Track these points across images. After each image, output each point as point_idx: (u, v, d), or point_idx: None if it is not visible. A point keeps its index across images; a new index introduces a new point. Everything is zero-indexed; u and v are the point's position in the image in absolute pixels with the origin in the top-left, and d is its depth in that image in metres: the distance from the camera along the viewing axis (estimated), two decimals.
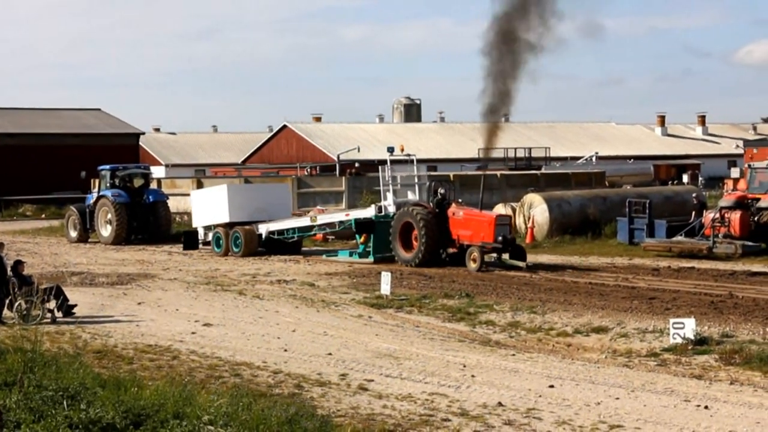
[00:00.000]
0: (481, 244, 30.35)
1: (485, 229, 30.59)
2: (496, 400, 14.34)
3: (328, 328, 20.99)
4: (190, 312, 23.30)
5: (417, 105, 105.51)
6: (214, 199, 38.62)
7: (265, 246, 37.20)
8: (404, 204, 33.13)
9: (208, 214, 38.67)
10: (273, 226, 37.07)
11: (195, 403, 12.32)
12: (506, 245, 30.46)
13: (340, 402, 14.36)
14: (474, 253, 30.22)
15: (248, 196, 38.97)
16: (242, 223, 37.33)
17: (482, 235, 30.53)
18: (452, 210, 31.81)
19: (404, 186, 34.99)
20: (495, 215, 31.83)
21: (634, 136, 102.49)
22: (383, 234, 33.03)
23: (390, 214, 33.50)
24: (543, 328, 20.63)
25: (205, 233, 38.96)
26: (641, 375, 16.23)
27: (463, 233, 31.21)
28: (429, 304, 23.97)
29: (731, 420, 13.25)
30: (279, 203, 39.21)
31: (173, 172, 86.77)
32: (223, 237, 37.41)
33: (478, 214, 31.54)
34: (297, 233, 37.03)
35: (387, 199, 34.17)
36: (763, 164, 36.07)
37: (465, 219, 31.36)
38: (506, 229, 30.94)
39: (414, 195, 34.36)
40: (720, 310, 21.65)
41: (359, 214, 35.19)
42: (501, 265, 30.45)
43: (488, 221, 30.79)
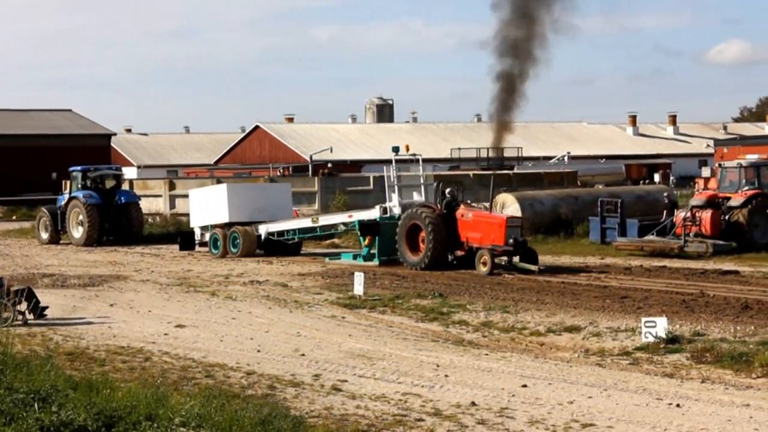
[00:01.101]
0: (491, 246, 29.33)
1: (496, 231, 29.56)
2: (469, 400, 14.36)
3: (301, 328, 20.97)
4: (163, 313, 23.22)
5: (389, 105, 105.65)
6: (213, 198, 37.85)
7: (263, 247, 36.55)
8: (410, 205, 32.29)
9: (207, 214, 37.86)
10: (273, 227, 36.32)
11: (167, 405, 12.27)
12: (517, 248, 29.41)
13: (314, 402, 14.34)
14: (484, 256, 29.22)
15: (248, 196, 38.11)
16: (241, 224, 36.59)
17: (492, 238, 29.49)
18: (461, 211, 30.77)
19: (409, 186, 34.12)
20: (506, 217, 30.74)
21: (606, 136, 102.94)
22: (388, 236, 32.09)
23: (395, 215, 32.60)
24: (516, 327, 20.68)
25: (201, 233, 38.17)
26: (614, 374, 16.30)
27: (472, 235, 30.17)
28: (402, 304, 23.98)
29: (703, 418, 13.32)
30: (279, 204, 38.28)
31: (145, 173, 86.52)
32: (221, 238, 36.65)
33: (488, 215, 30.77)
34: (298, 235, 36.25)
35: (392, 200, 33.21)
36: (734, 163, 36.31)
37: (474, 221, 30.32)
38: (517, 231, 29.75)
39: (420, 196, 33.57)
40: (691, 309, 21.76)
41: (363, 215, 34.20)
42: (512, 268, 29.37)
43: (499, 223, 29.77)
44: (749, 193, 34.54)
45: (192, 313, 23.18)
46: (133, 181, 55.25)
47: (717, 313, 21.08)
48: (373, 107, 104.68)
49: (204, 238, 37.86)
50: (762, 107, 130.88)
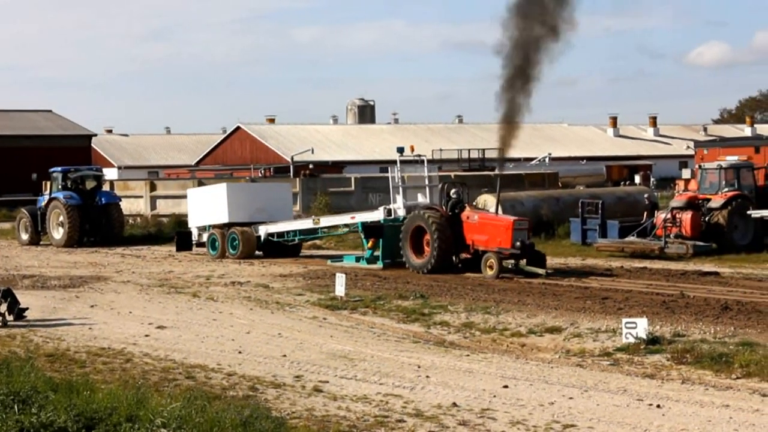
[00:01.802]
0: (497, 249, 28.64)
1: (502, 234, 28.87)
2: (450, 401, 14.37)
3: (282, 329, 20.95)
4: (144, 314, 23.16)
5: (371, 106, 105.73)
6: (212, 198, 37.22)
7: (262, 248, 36.00)
8: (415, 207, 31.56)
9: (206, 214, 37.21)
10: (273, 228, 35.70)
11: (148, 406, 12.25)
12: (524, 251, 28.70)
13: (295, 404, 14.33)
14: (490, 259, 28.57)
15: (248, 196, 37.47)
16: (240, 224, 35.99)
17: (499, 241, 28.81)
18: (467, 214, 30.09)
19: (413, 188, 33.17)
20: (513, 219, 29.63)
21: (587, 137, 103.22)
22: (392, 238, 31.33)
23: (400, 217, 31.76)
24: (497, 328, 20.71)
25: (199, 234, 37.51)
26: (594, 374, 16.34)
27: (478, 238, 29.47)
28: (384, 305, 23.98)
29: (683, 419, 13.37)
30: (280, 204, 37.66)
31: (126, 174, 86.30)
32: (219, 238, 36.06)
33: (495, 218, 29.97)
34: (298, 236, 35.67)
35: (396, 202, 32.33)
36: (714, 165, 36.48)
37: (480, 223, 29.62)
38: (524, 234, 29.10)
39: (424, 197, 32.61)
40: (672, 310, 21.83)
41: (366, 217, 33.50)
42: (519, 272, 28.59)
43: (505, 226, 29.00)
44: (729, 194, 34.69)
45: (173, 315, 23.13)
46: (114, 182, 55.15)
47: (697, 314, 21.15)
48: (354, 108, 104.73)
49: (201, 238, 37.26)
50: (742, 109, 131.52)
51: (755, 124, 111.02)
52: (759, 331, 19.15)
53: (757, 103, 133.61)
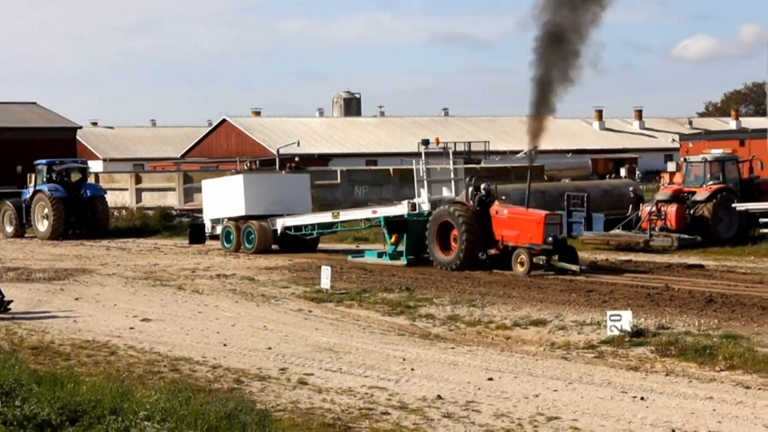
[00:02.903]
0: (528, 245, 27.64)
1: (533, 229, 27.85)
2: (435, 393, 14.39)
3: (267, 322, 20.94)
4: (129, 307, 23.12)
5: (357, 99, 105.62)
6: (228, 190, 36.21)
7: (278, 242, 35.08)
8: (440, 201, 30.50)
9: (221, 207, 36.18)
10: (290, 221, 34.65)
11: (132, 399, 12.23)
12: (557, 247, 27.70)
13: (280, 396, 14.33)
14: (521, 255, 27.54)
15: (265, 188, 36.33)
16: (256, 217, 34.99)
17: (530, 236, 27.77)
18: (495, 208, 29.01)
19: (438, 181, 31.98)
20: (544, 214, 28.54)
21: (573, 130, 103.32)
22: (417, 234, 30.28)
23: (424, 212, 30.62)
24: (482, 321, 20.73)
25: (212, 226, 36.65)
26: (579, 367, 16.38)
27: (507, 234, 28.39)
28: (369, 297, 23.99)
29: (667, 411, 13.41)
30: (297, 196, 36.43)
31: (111, 167, 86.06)
32: (234, 231, 35.17)
33: (525, 212, 28.81)
34: (317, 230, 34.59)
35: (421, 196, 31.10)
36: (699, 158, 36.61)
37: (510, 218, 28.59)
38: (556, 229, 28.14)
39: (449, 191, 31.53)
40: (656, 303, 21.91)
41: (389, 211, 32.15)
42: (551, 268, 27.68)
43: (537, 220, 27.98)
44: (714, 187, 34.82)
45: (158, 307, 23.10)
46: (99, 175, 54.98)
47: (681, 307, 21.23)
48: (340, 101, 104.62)
49: (215, 231, 36.43)
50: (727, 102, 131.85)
51: (740, 117, 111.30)
52: (743, 324, 19.24)
53: (742, 96, 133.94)
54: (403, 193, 51.82)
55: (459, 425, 12.78)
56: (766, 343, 17.37)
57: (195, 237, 37.26)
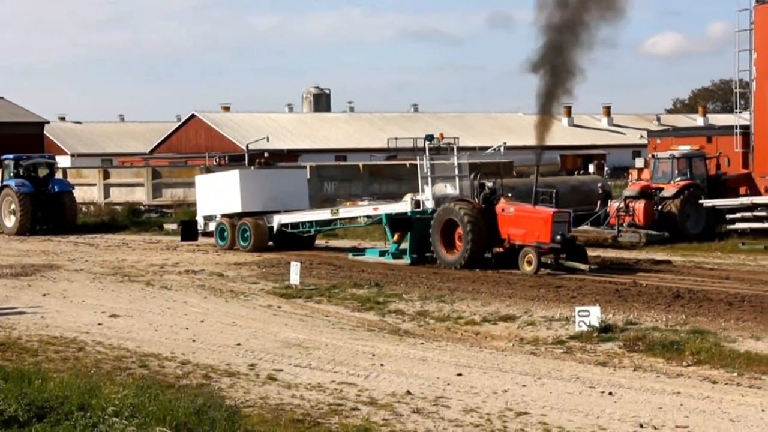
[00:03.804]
0: (536, 244, 26.90)
1: (541, 227, 27.12)
2: (404, 389, 14.40)
3: (237, 318, 20.90)
4: (97, 303, 23.02)
5: (326, 94, 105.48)
6: (224, 186, 35.30)
7: (274, 240, 34.15)
8: (444, 199, 29.59)
9: (216, 203, 35.35)
10: (287, 218, 33.74)
11: (100, 395, 12.18)
12: (565, 245, 27.03)
13: (249, 392, 14.31)
14: (529, 254, 26.75)
15: (262, 184, 35.29)
16: (251, 214, 34.10)
17: (537, 234, 27.07)
18: (501, 206, 28.27)
19: (441, 178, 30.77)
20: (552, 211, 27.75)
21: None
22: (420, 232, 29.50)
23: (428, 209, 29.68)
24: (451, 316, 20.77)
25: (205, 223, 35.81)
26: (547, 362, 16.44)
27: (514, 232, 27.68)
28: (338, 293, 23.99)
29: (634, 406, 13.49)
30: (295, 192, 35.57)
31: (79, 162, 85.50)
32: (228, 228, 34.26)
33: (532, 210, 28.02)
34: (315, 227, 33.80)
35: (425, 193, 30.18)
36: (666, 154, 36.80)
37: (517, 216, 27.86)
38: (564, 227, 27.34)
39: (453, 188, 30.34)
40: (624, 298, 22.02)
41: (391, 208, 31.29)
42: (559, 267, 26.95)
43: (544, 218, 27.23)
44: (681, 183, 35.03)
45: (126, 303, 23.01)
46: (67, 170, 54.64)
47: (649, 303, 21.35)
48: (310, 97, 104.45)
49: (208, 227, 35.60)
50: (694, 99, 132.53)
51: (708, 114, 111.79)
52: (710, 319, 19.37)
53: (709, 93, 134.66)
54: (373, 188, 51.94)
55: (428, 420, 12.80)
56: (732, 339, 17.51)
57: (187, 234, 36.49)
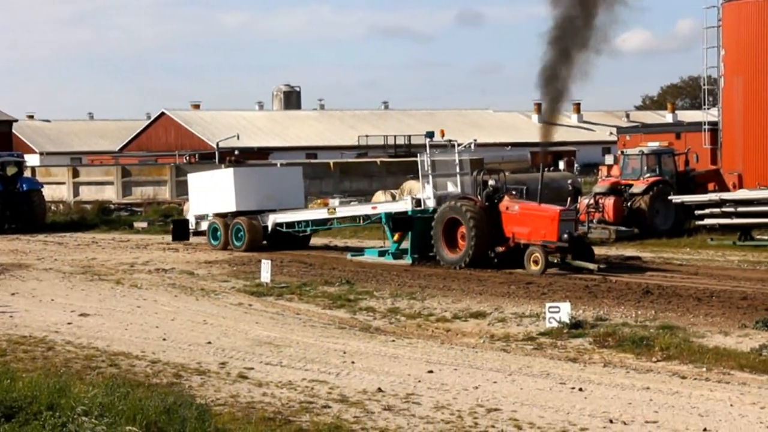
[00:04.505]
0: (542, 242, 26.17)
1: (547, 225, 26.39)
2: (375, 386, 14.41)
3: (207, 316, 20.85)
4: (66, 302, 22.90)
5: (297, 92, 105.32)
6: (218, 184, 34.54)
7: (268, 239, 33.43)
8: (445, 197, 28.98)
9: (210, 202, 34.61)
10: (282, 218, 33.11)
11: (70, 395, 12.11)
12: (573, 244, 26.27)
13: (220, 390, 14.28)
14: (535, 253, 25.99)
15: (257, 182, 34.59)
16: (245, 213, 33.44)
17: (543, 233, 26.32)
18: (505, 204, 27.55)
19: (442, 176, 30.14)
20: (559, 209, 27.20)
21: (512, 124, 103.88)
22: (421, 232, 28.75)
23: (429, 208, 29.09)
24: (422, 314, 20.80)
25: (197, 222, 35.14)
26: (518, 359, 16.49)
27: (519, 230, 26.93)
28: (309, 291, 23.97)
29: (604, 401, 13.55)
30: (290, 190, 34.75)
31: (48, 161, 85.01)
32: (221, 228, 33.57)
33: (538, 208, 27.31)
34: (311, 227, 33.18)
35: (426, 191, 29.54)
36: (636, 151, 36.98)
37: (522, 214, 27.11)
38: (572, 225, 26.70)
39: (455, 186, 29.75)
40: (594, 294, 22.11)
41: (391, 207, 30.75)
42: (566, 267, 26.28)
43: (551, 216, 26.53)
44: (651, 180, 35.21)
45: (96, 302, 22.91)
46: (36, 169, 54.35)
47: (619, 299, 21.45)
48: (280, 94, 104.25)
49: (200, 227, 34.97)
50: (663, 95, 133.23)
51: (676, 110, 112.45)
52: (679, 315, 19.48)
53: (678, 89, 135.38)
54: (343, 186, 51.96)
55: (399, 418, 12.81)
56: (701, 334, 17.62)
57: (178, 234, 35.82)
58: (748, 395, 13.76)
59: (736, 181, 40.77)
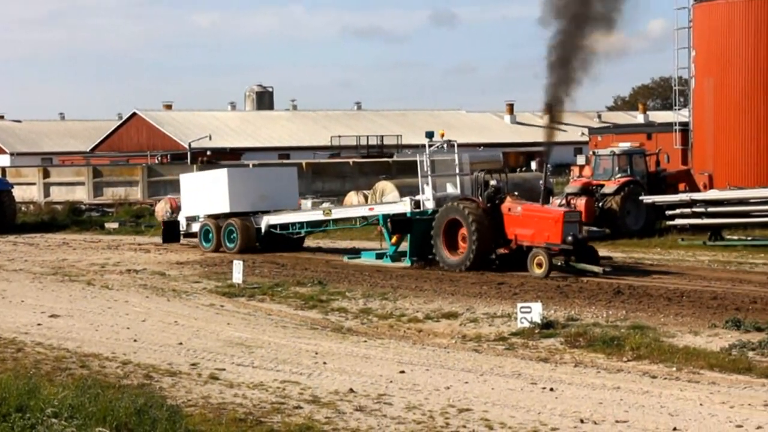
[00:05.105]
0: (545, 245, 25.59)
1: (551, 227, 25.77)
2: (347, 387, 14.41)
3: (179, 317, 20.79)
4: (36, 303, 22.77)
5: (269, 92, 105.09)
6: (211, 185, 33.95)
7: (261, 241, 32.74)
8: (445, 198, 28.52)
9: (203, 203, 33.97)
10: (276, 219, 32.54)
11: (39, 396, 12.04)
12: (577, 246, 25.62)
13: (191, 391, 14.24)
14: (539, 256, 25.38)
15: (251, 183, 33.96)
16: (238, 214, 32.86)
17: (547, 235, 25.69)
18: (507, 205, 26.91)
19: (442, 176, 29.61)
20: (563, 211, 26.72)
21: (484, 124, 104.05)
22: (420, 234, 28.16)
23: (428, 210, 28.56)
24: (394, 314, 20.81)
25: (188, 224, 34.52)
26: (490, 359, 16.52)
27: (521, 232, 26.31)
28: (281, 292, 23.94)
29: (575, 401, 13.60)
30: (285, 191, 34.21)
31: (18, 161, 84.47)
32: (213, 230, 32.94)
33: (541, 209, 26.88)
34: (306, 228, 32.57)
35: (425, 193, 28.96)
36: (607, 151, 37.12)
37: (524, 216, 26.49)
38: (576, 227, 25.96)
39: (454, 188, 29.25)
40: (566, 295, 22.19)
41: (388, 209, 30.13)
42: (569, 270, 25.57)
43: (555, 218, 25.93)
44: (622, 180, 35.35)
45: (67, 303, 22.79)
46: (6, 169, 54.05)
47: (590, 299, 21.53)
48: (252, 95, 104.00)
49: (190, 228, 34.39)
50: (635, 96, 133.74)
51: (648, 111, 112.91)
52: (649, 315, 19.57)
53: (649, 90, 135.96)
54: (316, 186, 51.90)
55: (371, 418, 12.82)
56: (671, 334, 17.71)
57: (168, 235, 35.25)
58: (717, 395, 13.85)
59: (706, 181, 41.01)
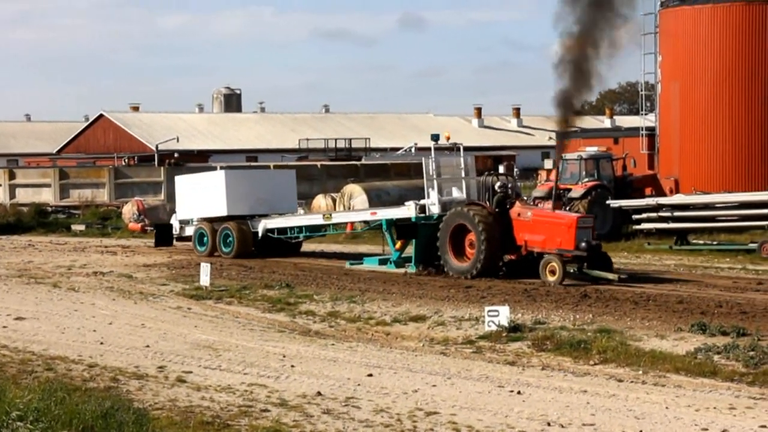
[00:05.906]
0: (557, 251, 24.69)
1: (563, 233, 24.83)
2: (315, 390, 14.40)
3: (146, 320, 20.71)
4: (2, 306, 22.60)
5: (237, 95, 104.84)
6: (207, 187, 33.11)
7: (257, 245, 31.94)
8: (450, 203, 27.65)
9: (199, 206, 33.11)
10: (274, 223, 31.72)
11: (4, 399, 11.95)
12: (591, 253, 24.69)
13: (158, 394, 14.18)
14: (552, 263, 24.38)
15: (249, 185, 33.04)
16: (233, 218, 32.09)
17: (559, 241, 24.79)
18: (517, 210, 25.99)
19: (447, 180, 28.78)
20: (576, 216, 25.77)
21: (452, 128, 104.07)
22: (425, 239, 27.24)
23: (434, 214, 27.68)
24: (362, 317, 20.82)
25: (181, 227, 33.87)
26: (457, 362, 16.56)
27: (532, 238, 25.39)
28: (249, 294, 23.90)
29: (543, 404, 13.64)
30: (283, 194, 33.47)
31: None
32: (208, 233, 32.15)
33: (553, 214, 26.07)
34: (304, 233, 31.66)
35: (431, 197, 28.00)
36: (574, 156, 37.27)
37: (535, 221, 25.56)
38: (589, 233, 24.94)
39: (460, 192, 28.46)
40: (533, 298, 22.25)
41: (392, 213, 29.09)
42: (583, 277, 24.74)
43: (567, 224, 24.97)
44: (589, 184, 35.51)
45: (32, 305, 22.65)
46: None
47: (557, 302, 21.61)
48: (220, 97, 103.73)
49: (184, 232, 33.76)
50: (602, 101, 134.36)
51: (614, 115, 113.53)
52: (616, 319, 19.66)
53: (616, 95, 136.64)
54: None
55: (338, 421, 12.81)
56: (638, 337, 17.80)
57: (161, 239, 34.80)
58: (683, 398, 13.94)
59: (672, 186, 41.27)
